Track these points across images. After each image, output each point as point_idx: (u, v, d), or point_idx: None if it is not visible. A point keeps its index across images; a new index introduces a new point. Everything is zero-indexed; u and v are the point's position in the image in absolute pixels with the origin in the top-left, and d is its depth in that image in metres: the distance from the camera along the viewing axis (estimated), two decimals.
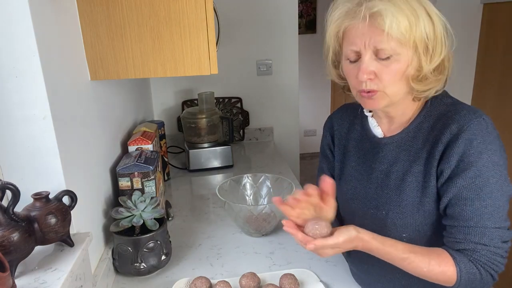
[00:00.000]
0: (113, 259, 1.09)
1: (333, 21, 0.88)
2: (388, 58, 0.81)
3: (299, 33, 2.42)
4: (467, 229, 0.82)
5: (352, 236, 0.79)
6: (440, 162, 0.85)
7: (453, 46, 0.85)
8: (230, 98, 2.23)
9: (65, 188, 0.86)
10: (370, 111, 1.01)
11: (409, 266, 0.82)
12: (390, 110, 0.93)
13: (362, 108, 1.03)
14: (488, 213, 0.81)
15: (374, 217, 0.96)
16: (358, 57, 0.84)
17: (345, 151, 1.07)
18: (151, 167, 1.18)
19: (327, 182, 0.84)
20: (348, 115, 1.09)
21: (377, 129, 0.99)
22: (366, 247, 0.82)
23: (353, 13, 0.83)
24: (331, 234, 0.79)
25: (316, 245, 0.78)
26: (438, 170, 0.85)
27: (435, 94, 0.89)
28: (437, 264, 0.81)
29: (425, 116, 0.91)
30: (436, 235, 0.89)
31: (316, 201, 0.85)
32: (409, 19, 0.79)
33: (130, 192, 1.16)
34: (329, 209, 0.86)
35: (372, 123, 1.00)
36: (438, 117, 0.89)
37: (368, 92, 0.85)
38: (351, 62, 0.86)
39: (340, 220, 1.08)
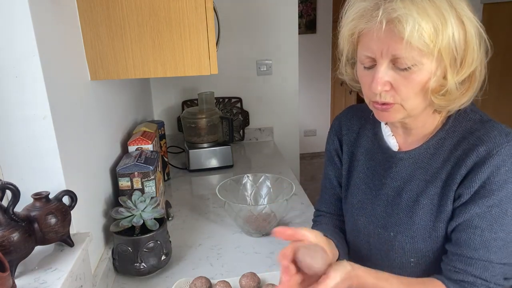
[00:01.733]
0: (113, 259, 1.09)
1: (347, 23, 0.77)
2: (407, 68, 0.71)
3: (299, 33, 2.42)
4: (470, 260, 0.74)
5: (348, 271, 0.70)
6: (460, 186, 0.76)
7: (488, 55, 0.73)
8: (230, 98, 2.23)
9: (65, 188, 0.86)
10: None
11: None
12: (408, 122, 0.82)
13: None
14: (496, 247, 0.73)
15: (380, 237, 0.87)
16: (374, 63, 0.74)
17: (353, 159, 0.96)
18: (151, 167, 1.18)
19: (281, 233, 0.72)
20: (358, 117, 0.97)
21: (392, 140, 0.88)
22: (360, 283, 0.73)
23: (369, 16, 0.71)
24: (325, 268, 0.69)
25: None
26: (456, 194, 0.76)
27: (461, 107, 0.78)
28: None
29: (448, 131, 0.80)
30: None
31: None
32: (435, 25, 0.67)
33: (130, 192, 1.16)
34: (310, 239, 0.73)
35: (386, 131, 0.89)
36: (463, 135, 0.78)
37: (383, 104, 0.76)
38: (365, 68, 0.76)
39: (343, 232, 1.00)
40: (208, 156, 1.85)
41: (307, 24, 4.20)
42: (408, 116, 0.78)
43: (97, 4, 1.01)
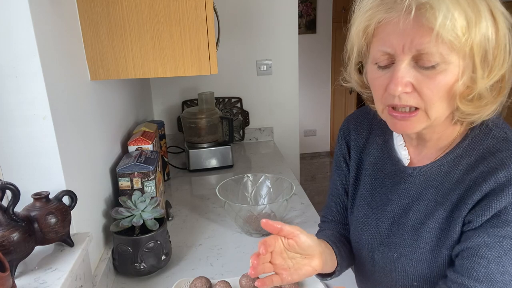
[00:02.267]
0: (113, 259, 1.09)
1: (363, 12, 0.66)
2: (433, 67, 0.61)
3: (299, 33, 2.42)
4: None
5: None
6: (471, 212, 0.67)
7: None
8: (230, 98, 2.23)
9: (65, 188, 0.86)
10: None
11: None
12: (425, 132, 0.72)
13: None
14: (501, 282, 0.65)
15: (384, 256, 0.81)
16: (391, 62, 0.64)
17: (361, 167, 0.88)
18: (151, 167, 1.18)
19: (269, 226, 0.69)
20: (369, 120, 0.87)
21: (403, 151, 0.79)
22: None
23: (391, 3, 0.61)
24: None
25: None
26: (466, 219, 0.68)
27: (485, 119, 0.68)
28: None
29: (466, 148, 0.70)
30: None
31: (280, 248, 0.71)
32: (468, 17, 0.58)
33: (130, 192, 1.16)
34: (300, 239, 0.71)
35: (398, 141, 0.80)
36: (483, 154, 0.68)
37: (403, 112, 0.65)
38: (380, 67, 0.66)
39: (349, 242, 0.94)
40: (208, 156, 1.85)
41: (307, 24, 4.20)
42: (430, 126, 0.68)
43: (97, 4, 1.01)
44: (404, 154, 0.79)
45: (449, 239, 0.70)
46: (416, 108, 0.65)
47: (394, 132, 0.81)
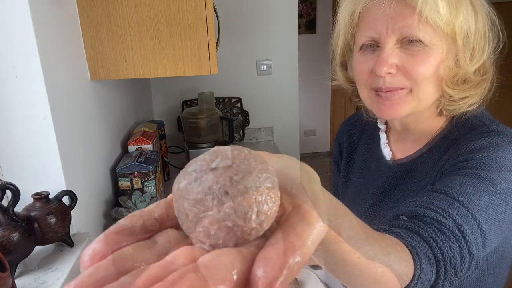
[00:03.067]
0: None
1: (346, 3, 0.69)
2: (417, 46, 0.62)
3: (299, 33, 2.42)
4: (453, 201, 0.54)
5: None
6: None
7: (497, 48, 0.66)
8: (230, 98, 2.23)
9: (65, 188, 0.86)
10: (385, 123, 0.82)
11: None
12: (410, 122, 0.73)
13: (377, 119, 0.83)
14: (480, 207, 0.55)
15: None
16: (377, 46, 0.66)
17: (351, 167, 0.89)
18: (151, 167, 1.18)
19: None
20: (361, 123, 0.89)
21: (386, 149, 0.80)
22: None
23: None
24: None
25: None
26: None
27: (467, 110, 0.69)
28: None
29: (442, 139, 0.71)
30: None
31: None
32: (449, 1, 0.61)
33: (130, 192, 1.16)
34: None
35: (383, 139, 0.82)
36: (455, 139, 0.68)
37: (388, 91, 0.65)
38: (365, 53, 0.67)
39: None
40: None
41: (307, 24, 4.20)
42: (416, 110, 0.67)
43: (97, 4, 1.01)
44: (386, 151, 0.80)
45: None
46: (402, 89, 0.65)
47: (379, 131, 0.82)
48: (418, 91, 0.65)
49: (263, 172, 0.24)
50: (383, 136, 0.82)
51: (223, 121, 1.89)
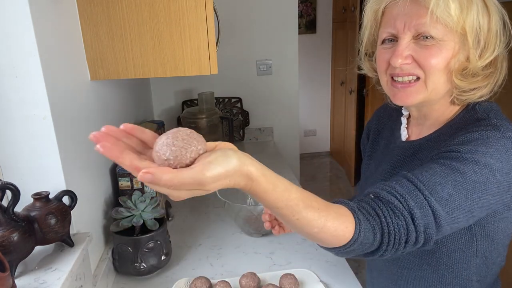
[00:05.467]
0: (113, 259, 1.09)
1: (371, 1, 0.78)
2: (430, 41, 0.70)
3: (299, 33, 2.42)
4: (409, 185, 0.65)
5: (231, 168, 0.50)
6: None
7: (508, 45, 0.72)
8: (230, 98, 2.23)
9: (65, 188, 0.86)
10: (407, 110, 0.90)
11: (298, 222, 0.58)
12: (427, 110, 0.81)
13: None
14: (443, 196, 0.64)
15: None
16: (395, 40, 0.74)
17: (376, 148, 0.99)
18: None
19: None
20: (390, 111, 0.98)
21: (403, 132, 0.89)
22: (252, 188, 0.54)
23: None
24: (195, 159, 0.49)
25: (154, 176, 0.44)
26: None
27: (478, 100, 0.75)
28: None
29: (451, 127, 0.77)
30: (431, 257, 0.79)
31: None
32: (460, 2, 0.68)
33: (130, 192, 1.16)
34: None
35: (403, 123, 0.90)
36: (460, 128, 0.75)
37: (404, 83, 0.74)
38: (385, 45, 0.76)
39: None
40: None
41: (307, 24, 4.20)
42: (428, 100, 0.75)
43: (97, 4, 1.01)
44: (404, 133, 0.88)
45: None
46: (417, 79, 0.73)
47: (402, 116, 0.91)
48: (429, 81, 0.73)
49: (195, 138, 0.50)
50: (404, 121, 0.90)
51: (223, 121, 1.89)
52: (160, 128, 1.64)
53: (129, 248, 1.04)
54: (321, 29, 4.23)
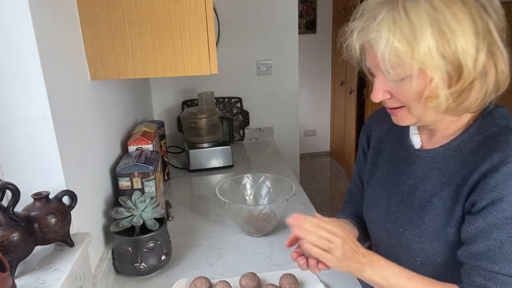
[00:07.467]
0: (113, 259, 1.09)
1: (353, 34, 0.78)
2: (397, 80, 0.73)
3: (299, 33, 2.42)
4: (490, 274, 0.72)
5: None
6: (473, 193, 0.74)
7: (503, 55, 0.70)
8: (230, 98, 2.23)
9: (65, 188, 0.86)
10: None
11: None
12: (432, 125, 0.82)
13: None
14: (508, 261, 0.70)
15: (389, 232, 0.89)
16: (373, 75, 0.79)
17: (379, 155, 0.99)
18: (151, 167, 1.18)
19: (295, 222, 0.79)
20: (389, 116, 0.96)
21: (416, 138, 0.89)
22: (373, 271, 0.76)
23: (365, 32, 0.73)
24: None
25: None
26: (469, 201, 0.74)
27: (487, 108, 0.77)
28: None
29: (471, 135, 0.79)
30: (453, 265, 0.80)
31: None
32: (408, 41, 0.67)
33: (130, 192, 1.16)
34: None
35: (413, 129, 0.90)
36: (485, 139, 0.76)
37: (391, 109, 0.80)
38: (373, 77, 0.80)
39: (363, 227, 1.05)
40: (208, 156, 1.85)
41: (307, 24, 4.20)
42: (421, 121, 0.79)
43: (97, 4, 1.01)
44: (416, 140, 0.88)
45: (453, 219, 0.77)
46: (402, 106, 0.78)
47: None
48: (412, 110, 0.77)
49: None
50: (414, 127, 0.90)
51: (223, 121, 1.89)
52: (160, 128, 1.64)
53: (129, 248, 1.04)
54: (321, 29, 4.23)
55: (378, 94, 0.77)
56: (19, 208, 0.77)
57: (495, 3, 0.70)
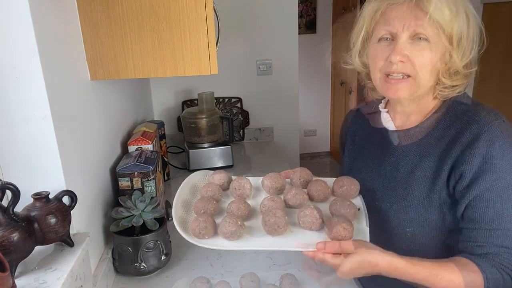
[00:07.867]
0: (113, 259, 1.09)
1: (371, 2, 0.88)
2: (424, 41, 0.82)
3: (299, 33, 2.42)
4: (489, 231, 0.80)
5: (363, 261, 0.76)
6: (459, 164, 0.83)
7: (480, 50, 0.87)
8: (230, 98, 2.23)
9: (65, 188, 0.86)
10: (385, 107, 1.01)
11: (440, 282, 0.78)
12: (409, 105, 0.92)
13: (378, 105, 1.04)
14: (510, 215, 0.79)
15: (378, 210, 0.95)
16: (392, 39, 0.85)
17: (356, 146, 1.09)
18: (151, 167, 1.18)
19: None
20: (364, 111, 1.10)
21: (390, 123, 0.98)
22: (390, 268, 0.78)
23: None
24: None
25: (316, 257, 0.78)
26: (457, 172, 0.83)
27: (456, 95, 0.89)
28: (466, 275, 0.78)
29: (443, 114, 0.90)
30: (441, 234, 0.88)
31: None
32: (450, 9, 0.81)
33: (130, 192, 1.16)
34: None
35: (386, 117, 1.00)
36: (456, 116, 0.88)
37: (397, 79, 0.85)
38: (382, 43, 0.86)
39: None
40: (208, 156, 1.85)
41: (307, 24, 4.20)
42: (415, 94, 0.87)
43: (97, 4, 1.01)
44: (390, 125, 0.98)
45: (436, 186, 0.86)
46: (408, 76, 0.85)
47: (382, 113, 1.01)
48: (418, 79, 0.85)
49: None
50: (387, 115, 1.00)
51: (223, 121, 1.89)
52: (160, 128, 1.64)
53: (129, 248, 1.04)
54: (321, 29, 4.23)
55: (400, 53, 0.82)
56: (19, 208, 0.77)
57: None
